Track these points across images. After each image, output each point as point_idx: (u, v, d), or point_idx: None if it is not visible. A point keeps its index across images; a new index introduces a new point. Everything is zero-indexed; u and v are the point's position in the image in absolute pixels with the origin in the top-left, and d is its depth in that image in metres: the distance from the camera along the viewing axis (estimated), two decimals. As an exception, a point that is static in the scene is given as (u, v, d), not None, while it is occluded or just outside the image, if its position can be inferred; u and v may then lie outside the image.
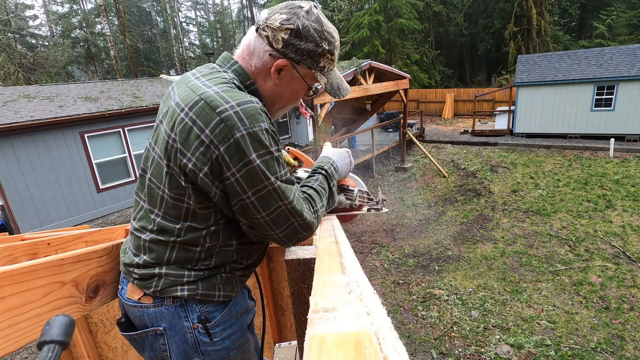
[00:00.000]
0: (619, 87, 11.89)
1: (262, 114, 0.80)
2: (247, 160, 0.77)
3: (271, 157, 0.81)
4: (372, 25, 21.06)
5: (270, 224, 0.86)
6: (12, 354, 4.23)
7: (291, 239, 0.90)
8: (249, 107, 0.78)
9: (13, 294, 0.73)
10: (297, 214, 0.86)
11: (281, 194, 0.83)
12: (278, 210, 0.84)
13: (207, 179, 0.80)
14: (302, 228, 0.89)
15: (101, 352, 1.90)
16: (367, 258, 7.53)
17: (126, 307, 0.93)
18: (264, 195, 0.82)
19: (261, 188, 0.81)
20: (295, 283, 1.01)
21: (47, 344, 0.42)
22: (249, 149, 0.77)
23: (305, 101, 8.34)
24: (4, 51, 20.13)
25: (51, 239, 1.31)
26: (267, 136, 0.80)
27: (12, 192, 7.29)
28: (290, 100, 0.98)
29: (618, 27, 21.66)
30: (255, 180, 0.80)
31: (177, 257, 0.87)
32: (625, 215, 7.87)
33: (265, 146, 0.79)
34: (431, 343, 4.90)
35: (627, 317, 5.05)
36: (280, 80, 0.92)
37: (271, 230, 0.87)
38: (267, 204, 0.83)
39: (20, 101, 8.54)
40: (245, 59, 0.92)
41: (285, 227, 0.87)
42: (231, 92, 0.80)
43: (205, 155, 0.78)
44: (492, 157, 12.21)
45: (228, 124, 0.76)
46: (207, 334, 0.89)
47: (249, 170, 0.78)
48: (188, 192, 0.82)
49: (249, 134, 0.77)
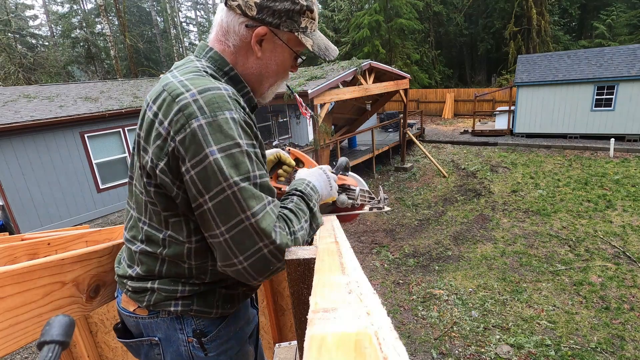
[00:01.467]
0: (619, 87, 11.89)
1: (231, 102, 0.71)
2: (204, 153, 0.66)
3: (239, 151, 0.69)
4: (372, 25, 21.06)
5: (231, 245, 0.69)
6: (12, 353, 4.22)
7: (260, 272, 0.72)
8: (212, 93, 0.70)
9: (13, 294, 0.73)
10: (264, 234, 0.68)
11: (243, 202, 0.67)
12: (240, 226, 0.68)
13: (165, 176, 0.71)
14: (273, 255, 0.70)
15: (101, 352, 1.91)
16: (367, 258, 7.53)
17: (122, 316, 0.92)
18: (223, 202, 0.67)
19: (219, 191, 0.67)
20: (295, 283, 1.01)
21: (47, 344, 0.42)
22: (207, 141, 0.66)
23: (305, 101, 8.35)
24: (4, 51, 20.13)
25: (51, 239, 1.31)
26: (235, 126, 0.69)
27: (12, 192, 7.29)
28: (278, 73, 0.89)
29: (618, 27, 21.66)
30: (212, 180, 0.67)
31: (167, 271, 0.81)
32: (625, 215, 7.87)
33: (230, 137, 0.68)
34: (431, 343, 4.90)
35: (627, 317, 5.05)
36: (264, 52, 0.84)
37: (233, 256, 0.69)
38: (225, 214, 0.68)
39: (20, 101, 8.54)
40: (221, 41, 0.84)
41: (251, 254, 0.69)
42: (196, 80, 0.73)
43: (162, 149, 0.70)
44: (492, 157, 12.21)
45: (186, 113, 0.67)
46: (201, 349, 0.84)
47: (205, 167, 0.67)
48: (154, 195, 0.76)
49: (209, 123, 0.67)
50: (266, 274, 0.72)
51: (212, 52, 0.84)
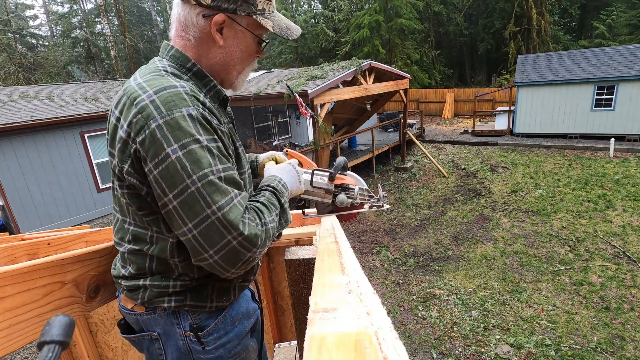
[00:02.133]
0: (619, 87, 11.89)
1: (188, 99, 0.71)
2: (165, 153, 0.67)
3: (199, 147, 0.69)
4: (372, 25, 21.06)
5: (200, 240, 0.69)
6: (12, 353, 4.22)
7: (232, 263, 0.72)
8: (167, 92, 0.70)
9: (13, 294, 0.73)
10: (231, 226, 0.69)
11: (207, 197, 0.68)
12: (207, 221, 0.68)
13: (132, 177, 0.73)
14: (242, 246, 0.71)
15: (101, 352, 1.90)
16: (367, 258, 7.52)
17: (123, 314, 0.93)
18: (187, 199, 0.68)
19: (183, 188, 0.68)
20: (295, 283, 1.01)
21: (47, 344, 0.42)
22: (167, 140, 0.67)
23: (305, 101, 8.34)
24: (4, 51, 20.13)
25: (51, 239, 1.31)
26: (193, 123, 0.70)
27: (12, 192, 7.29)
28: (244, 60, 0.88)
29: (618, 27, 21.65)
30: (176, 178, 0.68)
31: (157, 268, 0.82)
32: (625, 215, 7.87)
33: (189, 134, 0.68)
34: (431, 343, 4.90)
35: (627, 317, 5.05)
36: (226, 40, 0.83)
37: (203, 250, 0.70)
38: (191, 211, 0.68)
39: (20, 101, 8.54)
40: (182, 37, 0.84)
41: (221, 247, 0.70)
42: (154, 80, 0.73)
43: (124, 152, 0.72)
44: (492, 157, 12.21)
45: (144, 114, 0.69)
46: (199, 342, 0.85)
47: (167, 166, 0.68)
48: (127, 197, 0.77)
49: (166, 122, 0.68)
50: (238, 264, 0.73)
51: (173, 50, 0.84)
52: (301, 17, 26.10)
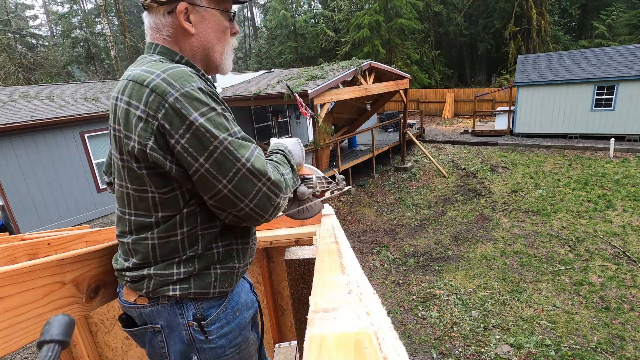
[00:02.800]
0: (619, 87, 11.89)
1: (194, 76, 0.77)
2: (189, 121, 0.72)
3: (216, 113, 0.76)
4: (372, 25, 21.07)
5: (236, 193, 0.77)
6: (12, 353, 4.22)
7: (266, 209, 0.80)
8: (175, 71, 0.75)
9: (13, 294, 0.73)
10: (260, 174, 0.77)
11: (235, 152, 0.75)
12: (239, 174, 0.76)
13: (156, 153, 0.75)
14: (272, 192, 0.79)
15: (101, 352, 1.91)
16: (367, 258, 7.52)
17: (124, 309, 0.94)
18: (218, 158, 0.75)
19: (212, 150, 0.74)
20: (295, 283, 1.01)
21: (47, 344, 0.42)
22: (187, 110, 0.73)
23: (305, 101, 8.34)
24: (4, 51, 20.13)
25: (51, 239, 1.32)
26: (204, 95, 0.76)
27: (12, 192, 7.29)
28: (221, 39, 0.92)
29: (618, 27, 21.65)
30: (204, 142, 0.73)
31: (161, 253, 0.84)
32: (625, 215, 7.87)
33: (205, 103, 0.75)
34: (431, 343, 4.90)
35: (627, 317, 5.05)
36: (196, 26, 0.87)
37: (240, 202, 0.77)
38: (223, 167, 0.75)
39: (20, 101, 8.54)
40: (159, 39, 0.88)
41: (254, 194, 0.78)
42: (156, 65, 0.78)
43: (146, 130, 0.74)
44: (492, 157, 12.21)
45: (158, 92, 0.73)
46: (202, 332, 0.87)
47: (193, 133, 0.73)
48: (146, 179, 0.79)
49: (183, 95, 0.73)
50: (270, 210, 0.81)
51: (159, 47, 0.87)
52: (301, 17, 26.11)
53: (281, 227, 1.52)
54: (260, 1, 34.62)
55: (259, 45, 32.30)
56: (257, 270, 1.75)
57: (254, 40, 36.13)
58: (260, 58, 30.21)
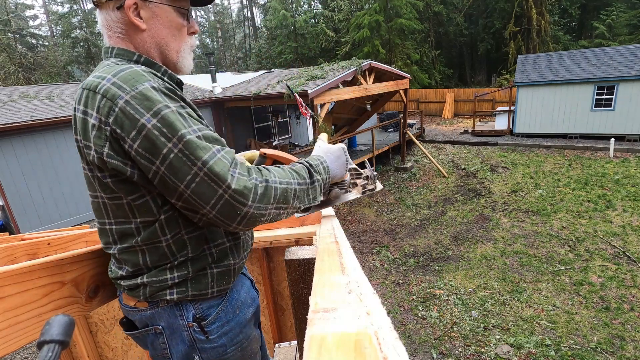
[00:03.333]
0: (619, 87, 11.89)
1: (147, 75, 0.73)
2: (140, 124, 0.68)
3: (171, 111, 0.70)
4: (372, 25, 21.07)
5: (196, 198, 0.71)
6: (12, 353, 4.22)
7: (231, 218, 0.73)
8: (126, 72, 0.72)
9: (13, 294, 0.73)
10: (219, 179, 0.69)
11: (191, 155, 0.69)
12: (196, 178, 0.70)
13: (114, 160, 0.73)
14: (235, 199, 0.71)
15: (101, 352, 1.90)
16: (367, 258, 7.52)
17: (125, 312, 0.94)
18: (173, 161, 0.69)
19: (166, 153, 0.69)
20: (295, 283, 1.01)
21: (46, 344, 0.41)
22: (138, 112, 0.69)
23: (305, 101, 8.34)
24: (4, 51, 20.14)
25: (51, 239, 1.31)
26: (157, 93, 0.71)
27: (12, 192, 7.28)
28: (175, 37, 0.88)
29: (618, 27, 21.65)
30: (157, 144, 0.69)
31: (151, 260, 0.82)
32: (625, 215, 7.87)
33: (157, 101, 0.70)
34: (431, 343, 4.90)
35: (627, 317, 5.05)
36: (147, 22, 0.83)
37: (201, 207, 0.72)
38: (180, 171, 0.70)
39: (20, 101, 8.54)
40: (111, 37, 0.84)
41: (215, 201, 0.71)
42: (108, 69, 0.75)
43: (100, 138, 0.72)
44: (492, 157, 12.21)
45: (109, 96, 0.70)
46: (202, 332, 0.87)
47: (145, 136, 0.69)
48: (113, 187, 0.77)
49: (133, 97, 0.69)
50: (237, 219, 0.73)
51: (116, 49, 0.84)
52: (301, 17, 26.10)
53: (281, 227, 1.52)
54: (260, 1, 34.63)
55: (259, 45, 32.30)
56: (257, 270, 1.75)
57: (254, 40, 36.13)
58: (260, 58, 30.21)
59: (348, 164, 1.03)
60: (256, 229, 1.56)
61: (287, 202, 0.80)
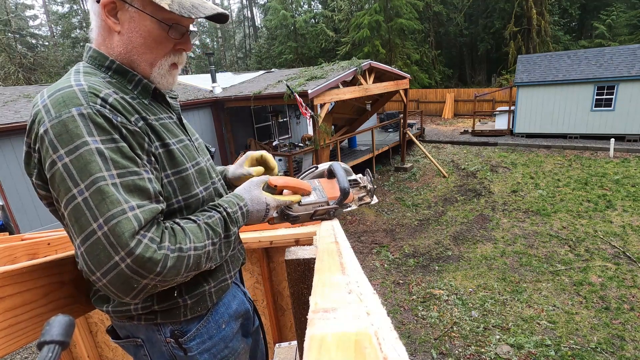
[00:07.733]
0: (619, 87, 11.89)
1: (81, 97, 0.64)
2: (51, 160, 0.61)
3: (87, 150, 0.60)
4: (372, 25, 21.08)
5: (87, 259, 0.59)
6: (12, 353, 4.22)
7: (124, 290, 0.61)
8: (60, 93, 0.64)
9: (13, 293, 0.73)
10: (118, 244, 0.57)
11: (94, 207, 0.58)
12: (92, 237, 0.58)
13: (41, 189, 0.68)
14: (133, 270, 0.58)
15: (101, 352, 1.90)
16: (367, 258, 7.52)
17: (111, 320, 0.93)
18: (74, 211, 0.60)
19: (70, 199, 0.60)
20: (295, 283, 1.01)
21: (47, 344, 0.41)
22: (52, 146, 0.61)
23: (305, 101, 8.34)
24: (4, 51, 20.14)
25: (51, 239, 1.31)
26: (84, 123, 0.62)
27: (12, 192, 7.28)
28: (152, 49, 0.77)
29: (618, 27, 21.66)
30: (63, 187, 0.60)
31: None
32: (625, 215, 7.87)
33: (76, 136, 0.60)
34: (431, 343, 4.90)
35: (627, 317, 5.05)
36: (122, 25, 0.74)
37: (91, 272, 0.60)
38: (78, 224, 0.60)
39: (20, 101, 8.54)
40: (94, 33, 0.79)
41: (108, 269, 0.58)
42: (55, 84, 0.69)
43: (29, 165, 0.68)
44: (492, 157, 12.21)
45: (37, 120, 0.64)
46: (180, 349, 0.82)
47: (54, 175, 0.61)
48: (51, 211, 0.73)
49: (53, 126, 0.61)
50: (132, 292, 0.61)
51: (91, 51, 0.79)
52: (301, 17, 26.11)
53: (281, 227, 1.52)
54: (260, 1, 34.64)
55: (259, 45, 32.31)
56: (257, 270, 1.75)
57: (254, 40, 36.14)
58: (260, 58, 30.22)
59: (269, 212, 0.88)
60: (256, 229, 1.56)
61: (199, 268, 0.71)
